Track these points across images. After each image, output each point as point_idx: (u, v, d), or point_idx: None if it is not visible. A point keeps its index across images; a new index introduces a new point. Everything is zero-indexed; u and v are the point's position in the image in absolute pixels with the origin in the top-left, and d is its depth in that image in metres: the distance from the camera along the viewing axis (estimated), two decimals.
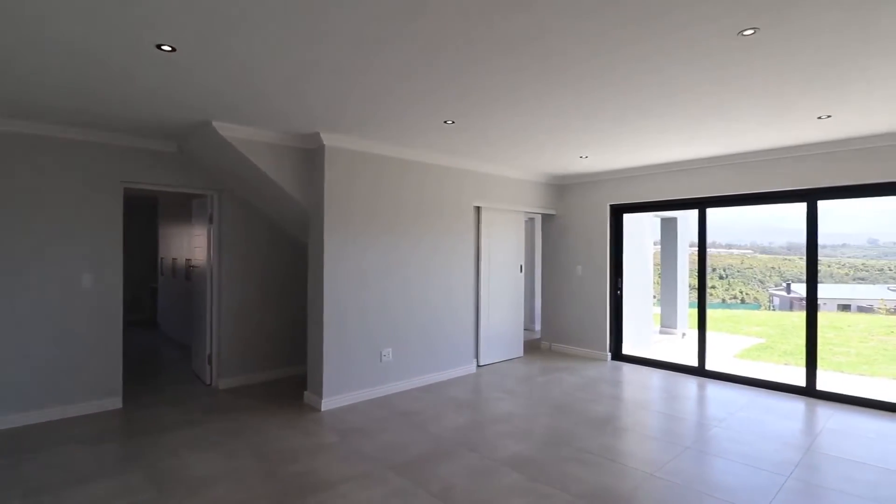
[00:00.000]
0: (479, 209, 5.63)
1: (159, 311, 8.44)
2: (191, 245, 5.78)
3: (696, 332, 5.36)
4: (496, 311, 5.88)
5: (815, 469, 3.08)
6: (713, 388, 4.89)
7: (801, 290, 4.66)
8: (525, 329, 6.83)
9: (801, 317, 4.71)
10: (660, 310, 8.47)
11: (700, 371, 5.31)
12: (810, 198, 4.56)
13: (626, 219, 6.18)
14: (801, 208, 4.63)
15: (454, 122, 3.69)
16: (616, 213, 6.11)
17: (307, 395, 4.31)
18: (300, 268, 5.22)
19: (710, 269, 5.42)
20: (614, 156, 4.93)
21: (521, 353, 6.22)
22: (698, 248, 5.37)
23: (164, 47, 2.32)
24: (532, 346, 6.74)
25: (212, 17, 2.04)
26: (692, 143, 4.33)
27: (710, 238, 5.32)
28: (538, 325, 7.73)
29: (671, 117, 3.52)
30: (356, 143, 4.26)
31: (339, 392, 4.22)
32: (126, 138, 4.12)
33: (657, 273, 8.30)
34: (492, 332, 5.82)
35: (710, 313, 5.37)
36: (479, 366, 5.64)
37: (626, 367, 5.74)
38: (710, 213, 5.32)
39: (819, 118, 3.53)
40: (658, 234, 8.31)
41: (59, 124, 3.76)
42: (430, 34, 2.20)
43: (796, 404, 4.36)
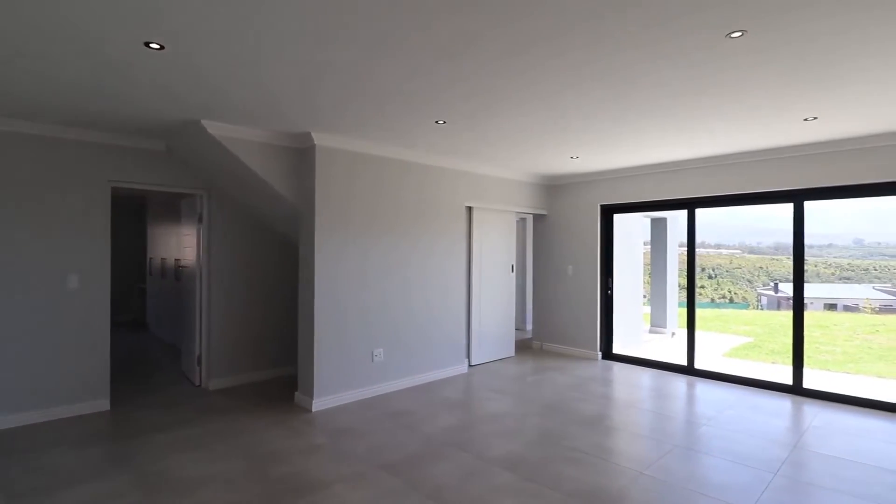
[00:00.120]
0: (470, 209, 5.64)
1: (148, 311, 8.34)
2: (180, 245, 5.72)
3: (686, 331, 5.41)
4: (488, 310, 5.89)
5: (802, 466, 3.12)
6: (702, 386, 4.94)
7: (789, 289, 4.72)
8: (516, 329, 6.84)
9: (788, 316, 4.77)
10: (650, 309, 8.54)
11: (689, 370, 5.36)
12: (797, 198, 4.62)
13: (617, 219, 6.22)
14: (788, 209, 4.69)
15: (445, 123, 3.70)
16: (606, 214, 6.15)
17: (298, 395, 4.29)
18: (291, 268, 5.19)
19: (699, 269, 5.47)
20: (605, 156, 4.96)
21: (512, 352, 6.24)
22: (687, 248, 5.42)
23: (152, 45, 2.29)
24: (523, 346, 6.76)
25: (201, 16, 2.02)
26: (680, 144, 4.36)
27: (699, 238, 5.37)
28: (529, 325, 7.76)
29: (660, 119, 3.55)
30: (347, 142, 4.24)
31: (331, 392, 4.20)
32: (113, 137, 4.08)
33: (647, 273, 8.36)
34: (483, 332, 5.83)
35: (699, 313, 5.42)
36: (470, 365, 5.65)
37: (616, 366, 5.78)
38: (699, 213, 5.37)
39: (805, 120, 3.58)
40: (648, 234, 8.38)
41: (44, 123, 3.71)
42: (418, 33, 2.20)
43: (783, 402, 4.42)
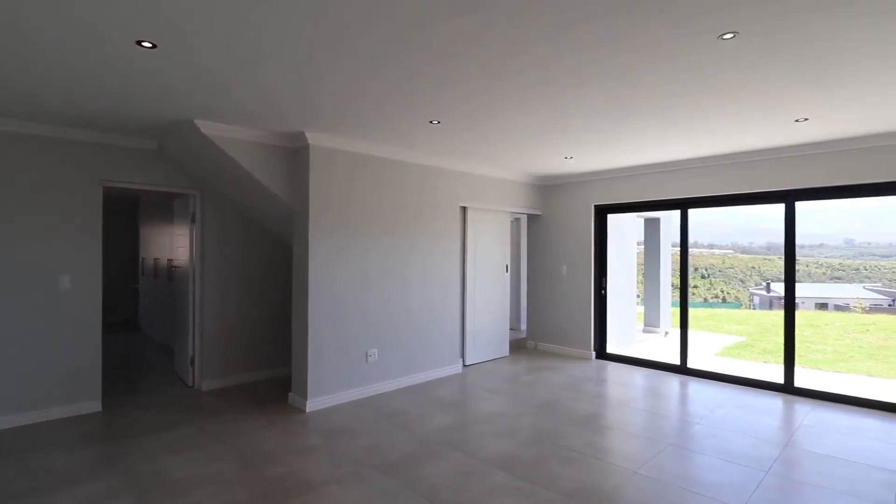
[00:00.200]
0: (465, 209, 5.64)
1: (140, 312, 8.29)
2: (172, 245, 5.69)
3: (679, 330, 5.45)
4: (482, 310, 5.90)
5: (793, 464, 3.15)
6: (695, 385, 4.97)
7: (781, 289, 4.76)
8: (511, 328, 6.85)
9: (780, 315, 4.81)
10: (643, 309, 8.58)
11: (682, 369, 5.39)
12: (788, 199, 4.66)
13: (611, 219, 6.25)
14: (780, 209, 4.73)
15: (439, 122, 3.70)
16: (600, 214, 6.18)
17: (292, 396, 4.27)
18: (285, 268, 5.17)
19: (692, 269, 5.51)
20: (599, 157, 4.98)
21: (506, 352, 6.25)
22: (680, 249, 5.45)
23: (144, 44, 2.28)
24: (518, 346, 6.77)
25: (193, 14, 2.01)
26: (674, 144, 4.39)
27: (692, 238, 5.40)
28: (524, 325, 7.77)
29: (653, 119, 3.57)
30: (342, 142, 4.24)
31: (324, 393, 4.19)
32: (105, 136, 4.04)
33: (640, 273, 8.40)
34: (478, 332, 5.84)
35: (692, 312, 5.46)
36: (465, 365, 5.65)
37: (610, 365, 5.80)
38: (692, 213, 5.40)
39: (796, 121, 3.61)
40: (642, 234, 8.42)
41: (33, 122, 3.67)
42: (418, 35, 2.20)
43: (775, 401, 4.46)
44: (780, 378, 4.74)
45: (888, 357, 7.56)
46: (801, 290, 4.74)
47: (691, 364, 5.38)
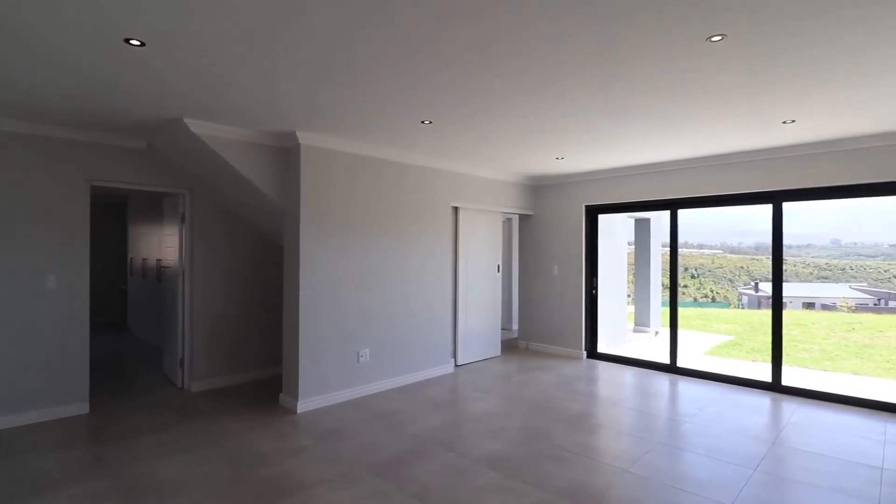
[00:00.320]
0: (456, 209, 5.65)
1: (129, 312, 8.20)
2: (162, 245, 5.63)
3: (669, 330, 5.49)
4: (474, 310, 5.91)
5: (781, 461, 3.19)
6: (684, 384, 5.02)
7: (769, 288, 4.82)
8: (502, 328, 6.87)
9: (768, 315, 4.86)
10: (633, 308, 8.64)
11: (672, 368, 5.43)
12: (776, 199, 4.72)
13: (601, 219, 6.28)
14: (768, 210, 4.78)
15: (431, 123, 3.70)
16: (591, 214, 6.21)
17: (282, 397, 4.25)
18: (275, 268, 5.14)
19: (681, 269, 5.56)
20: (590, 157, 5.01)
21: (498, 352, 6.27)
22: (670, 249, 5.50)
23: (132, 42, 2.26)
24: (509, 346, 6.79)
25: (182, 11, 1.99)
26: (663, 145, 4.43)
27: (681, 238, 5.46)
28: (515, 325, 7.78)
29: (643, 121, 3.60)
30: (333, 141, 4.22)
31: (316, 394, 4.18)
32: (93, 135, 3.99)
33: (631, 273, 8.46)
34: (469, 332, 5.84)
35: (681, 312, 5.51)
36: (456, 365, 5.66)
37: (600, 364, 5.84)
38: (682, 214, 5.45)
39: (784, 123, 3.66)
40: (632, 234, 8.48)
41: (21, 119, 3.62)
42: (408, 33, 2.20)
43: (763, 399, 4.51)
44: (767, 376, 4.79)
45: (873, 356, 7.68)
46: (788, 289, 4.80)
47: (681, 363, 5.43)
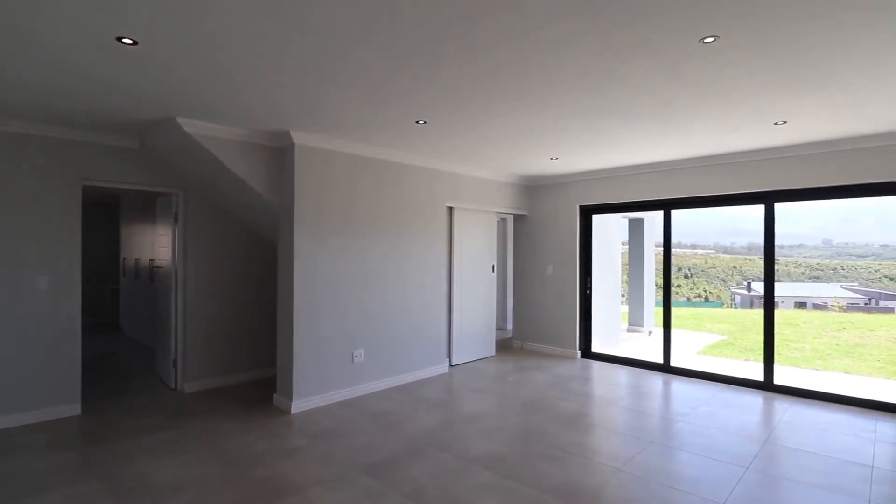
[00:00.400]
0: (451, 209, 5.65)
1: (122, 313, 8.14)
2: (155, 245, 5.60)
3: (662, 329, 5.52)
4: (469, 310, 5.91)
5: (773, 460, 3.21)
6: (678, 383, 5.05)
7: (761, 288, 4.85)
8: (497, 328, 6.89)
9: (760, 314, 4.90)
10: (627, 308, 8.68)
11: (665, 368, 5.46)
12: (768, 200, 4.75)
13: (595, 219, 6.31)
14: (760, 210, 4.82)
15: (426, 123, 3.70)
16: (585, 214, 6.23)
17: (277, 397, 4.24)
18: (269, 268, 5.12)
19: (675, 269, 5.59)
20: (584, 158, 5.03)
21: (493, 352, 6.27)
22: (663, 249, 5.53)
23: (124, 40, 2.24)
24: (504, 345, 6.80)
25: (176, 9, 1.98)
26: (657, 146, 4.45)
27: (675, 238, 5.48)
28: (510, 325, 7.80)
29: (637, 121, 3.62)
30: (328, 141, 4.21)
31: (310, 394, 4.16)
32: (85, 134, 3.96)
33: (625, 273, 8.50)
34: (464, 332, 5.85)
35: (675, 311, 5.54)
36: (451, 365, 5.66)
37: (595, 364, 5.86)
38: (675, 214, 5.48)
39: (776, 124, 3.69)
40: (626, 234, 8.52)
41: (12, 118, 3.58)
42: (405, 34, 2.19)
43: (755, 398, 4.54)
44: (760, 376, 4.83)
45: (864, 355, 7.76)
46: (780, 289, 4.84)
47: (674, 363, 5.46)
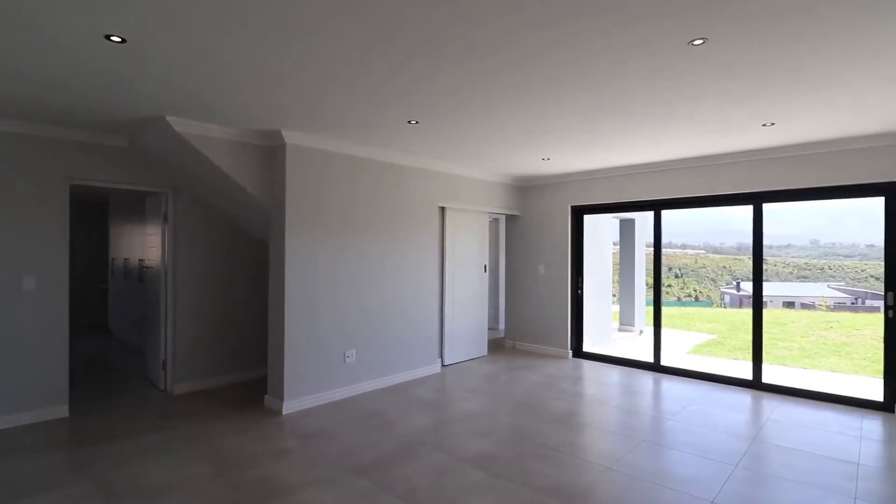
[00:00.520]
0: (443, 209, 5.65)
1: (110, 313, 8.05)
2: (144, 245, 5.54)
3: (653, 329, 5.56)
4: (461, 310, 5.92)
5: (761, 458, 3.25)
6: (668, 383, 5.09)
7: (750, 288, 4.91)
8: (489, 328, 6.90)
9: (749, 314, 4.96)
10: (618, 308, 8.74)
11: (656, 367, 5.51)
12: (756, 200, 4.81)
13: (587, 220, 6.34)
14: (749, 210, 4.87)
15: (418, 123, 3.70)
16: (577, 214, 6.26)
17: (268, 398, 4.21)
18: (260, 268, 5.09)
19: (666, 269, 5.63)
20: (576, 158, 5.05)
21: (485, 351, 6.29)
22: (654, 249, 5.57)
23: (113, 38, 2.22)
24: (496, 345, 6.82)
25: (166, 6, 1.97)
26: (650, 146, 4.48)
27: (666, 239, 5.53)
28: (502, 324, 7.82)
29: (627, 123, 3.64)
30: (319, 141, 4.19)
31: (301, 395, 4.15)
32: (72, 132, 3.91)
33: (616, 272, 8.55)
34: (456, 332, 5.85)
35: (665, 311, 5.58)
36: (443, 365, 5.66)
37: (586, 364, 5.89)
38: (666, 214, 5.52)
39: (763, 125, 3.73)
40: (617, 234, 8.57)
41: None
42: (391, 33, 2.19)
43: (744, 397, 4.59)
44: (748, 374, 4.88)
45: (850, 353, 7.87)
46: (768, 288, 4.90)
47: (665, 362, 5.50)
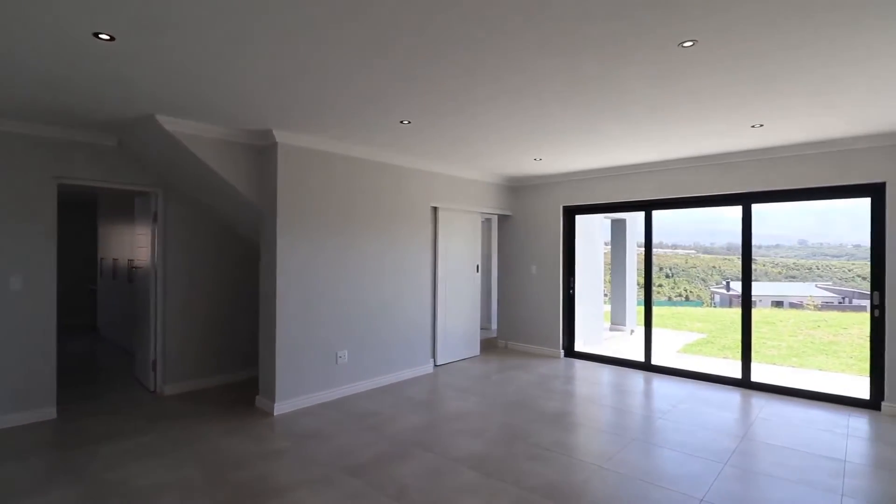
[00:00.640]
0: (436, 209, 5.66)
1: (99, 314, 7.96)
2: (133, 245, 5.49)
3: (644, 328, 5.60)
4: (453, 310, 5.92)
5: (750, 456, 3.29)
6: (658, 382, 5.13)
7: (740, 287, 4.96)
8: (482, 328, 6.91)
9: (739, 313, 5.01)
10: (610, 308, 8.79)
11: (647, 366, 5.55)
12: (745, 201, 4.86)
13: (579, 220, 6.37)
14: (739, 211, 4.92)
15: (410, 122, 3.69)
16: (569, 215, 6.29)
17: (259, 399, 4.19)
18: (251, 268, 5.07)
19: (656, 269, 5.68)
20: (568, 159, 5.08)
21: (477, 351, 6.30)
22: (645, 249, 5.61)
23: (101, 36, 2.20)
24: (489, 345, 6.83)
25: (154, 4, 1.95)
26: (639, 148, 4.51)
27: (657, 239, 5.58)
28: (495, 324, 7.84)
29: (620, 123, 3.66)
30: (311, 141, 4.18)
31: (293, 395, 4.13)
32: (60, 131, 3.87)
33: (607, 272, 8.60)
34: (449, 332, 5.86)
35: (656, 311, 5.63)
36: (436, 365, 5.67)
37: (578, 363, 5.92)
38: (656, 214, 5.56)
39: (752, 127, 3.77)
40: (609, 235, 8.63)
41: None
42: (383, 31, 2.19)
43: (733, 395, 4.64)
44: (738, 373, 4.93)
45: (837, 352, 7.98)
46: (757, 288, 4.95)
47: (655, 361, 5.54)
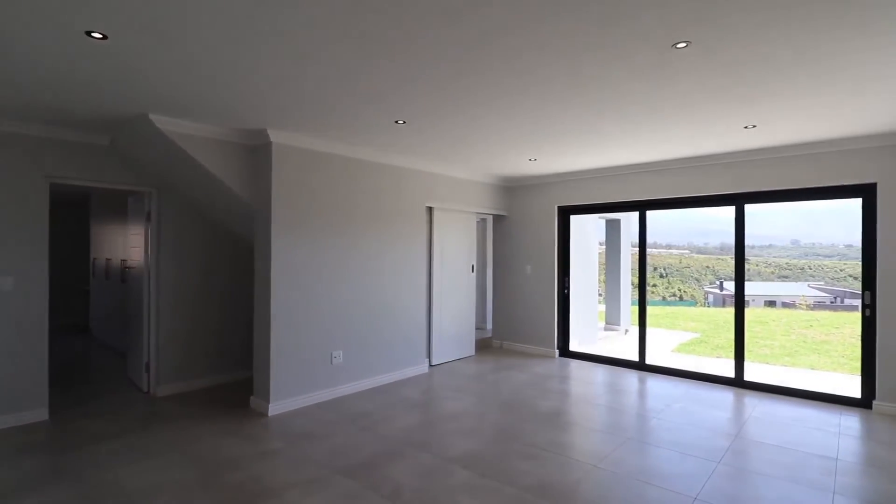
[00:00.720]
0: (431, 210, 5.66)
1: (92, 315, 7.90)
2: (126, 245, 5.45)
3: (638, 328, 5.63)
4: (448, 310, 5.92)
5: (743, 454, 3.31)
6: (652, 381, 5.15)
7: (733, 287, 4.99)
8: (477, 328, 6.91)
9: (732, 313, 5.04)
10: (604, 307, 8.82)
11: (641, 365, 5.57)
12: (738, 201, 4.89)
13: (573, 220, 6.39)
14: (732, 211, 4.96)
15: (406, 123, 3.69)
16: (563, 215, 6.31)
17: (254, 400, 4.18)
18: (246, 268, 5.05)
19: (651, 269, 5.71)
20: (563, 159, 5.09)
21: (472, 351, 6.30)
22: (639, 249, 5.64)
23: (94, 34, 2.18)
24: (484, 345, 6.84)
25: (147, 2, 1.94)
26: (633, 148, 4.53)
27: (651, 239, 5.60)
28: (490, 324, 7.84)
29: (615, 123, 3.68)
30: (306, 140, 4.17)
31: (288, 396, 4.12)
32: (52, 130, 3.84)
33: (602, 272, 8.63)
34: (444, 332, 5.86)
35: (650, 310, 5.66)
36: (431, 365, 5.67)
37: (572, 363, 5.94)
38: (651, 215, 5.59)
39: (745, 127, 3.80)
40: (603, 235, 8.65)
41: None
42: (380, 32, 2.19)
43: (726, 394, 4.67)
44: (731, 372, 4.97)
45: (829, 351, 8.05)
46: (750, 288, 4.99)
47: (649, 360, 5.57)
